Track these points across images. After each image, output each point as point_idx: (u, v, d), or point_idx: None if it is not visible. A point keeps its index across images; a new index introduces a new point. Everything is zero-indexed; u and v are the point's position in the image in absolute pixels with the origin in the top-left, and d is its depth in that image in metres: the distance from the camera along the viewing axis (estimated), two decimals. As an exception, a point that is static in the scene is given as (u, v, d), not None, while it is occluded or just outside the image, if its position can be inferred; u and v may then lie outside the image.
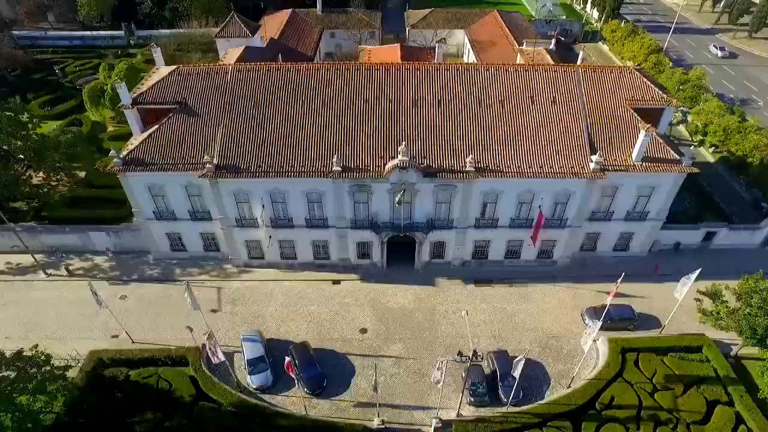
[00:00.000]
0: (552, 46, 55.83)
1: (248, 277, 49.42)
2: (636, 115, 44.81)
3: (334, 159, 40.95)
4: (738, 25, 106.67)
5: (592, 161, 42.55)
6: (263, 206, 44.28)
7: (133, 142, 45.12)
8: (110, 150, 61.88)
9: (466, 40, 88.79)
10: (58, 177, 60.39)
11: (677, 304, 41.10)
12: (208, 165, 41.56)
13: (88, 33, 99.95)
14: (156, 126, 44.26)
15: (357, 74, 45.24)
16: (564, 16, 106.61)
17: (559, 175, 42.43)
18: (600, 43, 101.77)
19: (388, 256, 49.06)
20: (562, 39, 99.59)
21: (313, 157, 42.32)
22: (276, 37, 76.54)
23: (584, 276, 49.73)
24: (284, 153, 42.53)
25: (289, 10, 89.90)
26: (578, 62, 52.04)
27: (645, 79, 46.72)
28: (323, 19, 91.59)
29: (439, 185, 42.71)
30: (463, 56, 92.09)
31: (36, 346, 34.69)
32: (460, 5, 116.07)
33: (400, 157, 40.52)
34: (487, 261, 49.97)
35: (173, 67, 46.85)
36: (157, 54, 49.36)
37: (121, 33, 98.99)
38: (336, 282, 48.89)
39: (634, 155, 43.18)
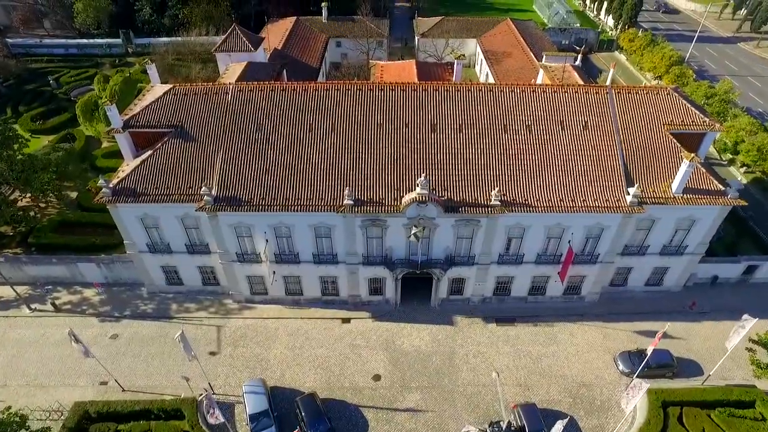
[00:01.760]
0: (578, 62, 51.66)
1: (250, 315, 45.46)
2: (675, 141, 40.78)
3: (346, 192, 36.94)
4: (762, 33, 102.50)
5: (629, 194, 38.51)
6: (267, 241, 40.34)
7: (124, 169, 41.22)
8: (104, 168, 58.99)
9: (479, 49, 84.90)
10: (47, 199, 56.74)
11: (726, 355, 36.97)
12: (205, 197, 37.60)
13: (84, 41, 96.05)
14: (149, 152, 40.38)
15: (369, 95, 41.31)
16: (578, 24, 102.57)
17: (593, 209, 38.39)
18: (616, 52, 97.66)
19: (402, 291, 45.04)
20: (577, 48, 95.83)
21: (321, 188, 38.38)
22: (279, 48, 72.83)
23: (614, 313, 45.76)
24: (290, 183, 38.58)
25: (293, 18, 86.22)
26: (608, 81, 48.00)
27: (683, 101, 42.65)
28: (329, 28, 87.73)
29: (460, 220, 38.68)
30: (474, 66, 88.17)
31: (9, 408, 30.70)
32: (470, 12, 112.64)
33: (418, 190, 36.55)
34: (510, 297, 45.94)
35: (168, 86, 42.89)
36: (152, 71, 45.51)
37: (118, 41, 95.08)
38: (345, 320, 44.92)
39: (674, 187, 39.16)
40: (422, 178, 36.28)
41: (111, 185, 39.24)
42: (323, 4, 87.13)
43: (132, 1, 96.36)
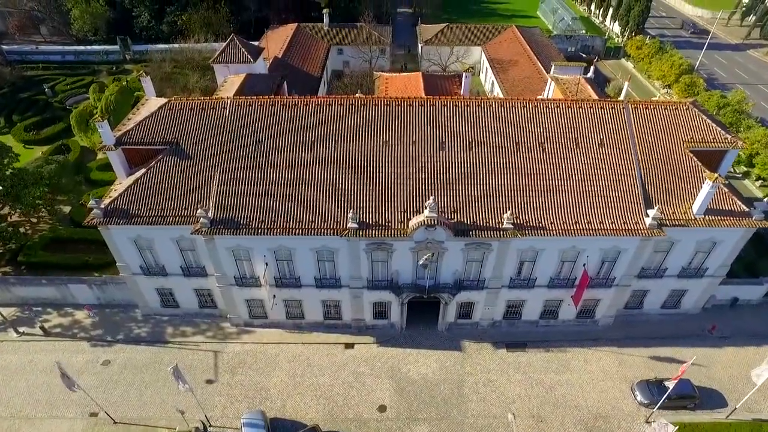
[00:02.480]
0: (591, 74, 49.64)
1: (249, 339, 43.38)
2: (696, 159, 38.75)
3: (350, 214, 34.88)
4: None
5: (648, 216, 36.46)
6: (266, 264, 38.28)
7: (117, 188, 39.21)
8: (99, 181, 57.04)
9: (484, 57, 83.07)
10: (39, 214, 54.75)
11: (755, 388, 34.86)
12: (201, 219, 35.55)
13: (81, 48, 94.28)
14: (143, 170, 38.36)
15: (375, 110, 39.30)
16: (584, 31, 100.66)
17: (610, 232, 36.31)
18: (623, 59, 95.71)
19: (407, 314, 42.98)
20: (584, 56, 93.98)
21: (324, 210, 36.32)
22: (280, 56, 71.06)
23: (630, 338, 43.70)
24: (290, 205, 36.56)
25: (294, 25, 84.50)
26: (622, 95, 46.01)
27: (703, 116, 40.63)
28: (330, 35, 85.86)
29: (470, 243, 36.61)
30: (479, 74, 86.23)
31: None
32: (473, 18, 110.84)
33: (426, 213, 34.51)
34: (520, 321, 43.85)
35: (163, 100, 40.88)
36: (147, 83, 43.54)
37: (116, 48, 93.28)
38: (349, 346, 42.84)
39: (695, 208, 37.12)
40: (431, 200, 34.25)
41: (102, 206, 37.13)
42: (324, 10, 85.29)
43: (130, 7, 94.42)
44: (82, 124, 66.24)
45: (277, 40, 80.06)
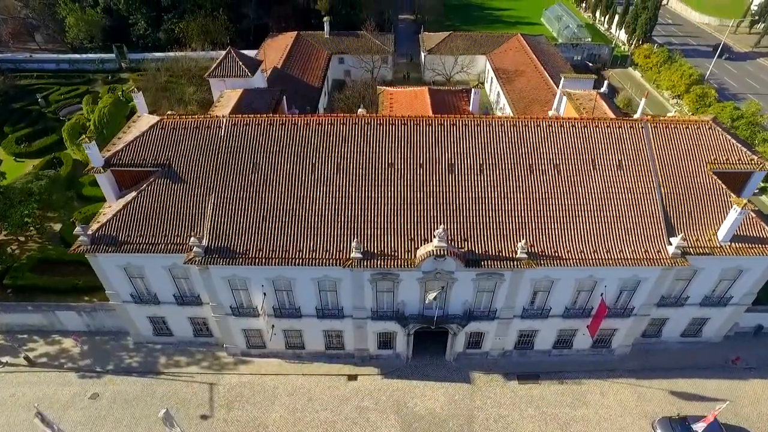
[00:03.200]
0: (604, 88, 47.36)
1: (247, 370, 41.05)
2: (720, 182, 36.50)
3: (354, 243, 32.58)
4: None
5: (671, 244, 34.15)
6: (264, 294, 35.97)
7: (105, 212, 36.97)
8: (91, 197, 54.75)
9: (488, 67, 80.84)
10: (28, 233, 52.44)
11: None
12: (195, 248, 33.24)
13: (76, 56, 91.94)
14: (133, 193, 36.06)
15: (379, 130, 37.08)
16: (590, 39, 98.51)
17: (630, 262, 34.00)
18: (630, 68, 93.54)
19: (414, 343, 40.64)
20: (590, 65, 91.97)
21: (326, 238, 34.02)
22: (279, 66, 68.96)
23: (648, 368, 41.44)
24: (290, 232, 34.22)
25: (294, 33, 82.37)
26: (638, 112, 43.79)
27: (726, 135, 38.40)
28: (331, 43, 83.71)
29: (482, 273, 34.30)
30: (484, 84, 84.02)
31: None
32: (477, 25, 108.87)
33: (435, 242, 32.23)
34: (532, 350, 41.51)
35: (155, 117, 38.62)
36: (139, 99, 41.35)
37: (112, 56, 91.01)
38: (352, 377, 40.52)
39: (721, 235, 34.86)
40: (440, 229, 31.97)
41: (89, 232, 34.83)
42: (325, 18, 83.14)
43: (126, 14, 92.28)
44: (74, 137, 63.96)
45: (276, 49, 78.00)
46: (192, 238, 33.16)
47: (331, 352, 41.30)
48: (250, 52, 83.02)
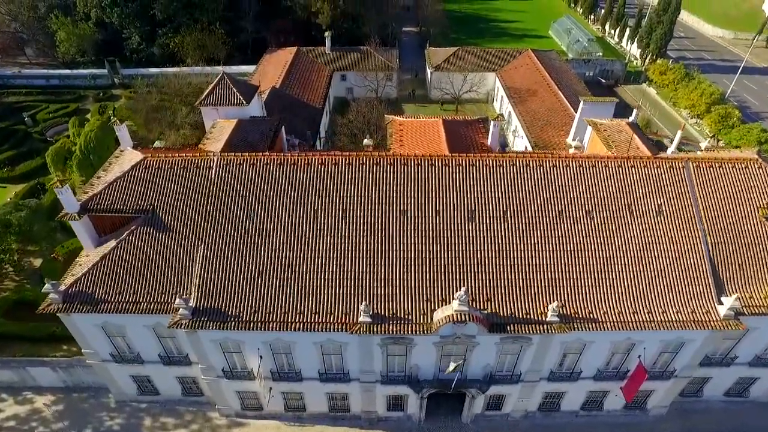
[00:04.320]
0: (634, 117, 43.27)
1: (240, 434, 36.73)
2: (773, 230, 32.41)
3: (362, 306, 28.41)
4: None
5: (722, 304, 30.01)
6: (261, 357, 31.81)
7: (82, 262, 32.84)
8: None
9: (498, 84, 76.93)
10: (4, 271, 48.33)
11: None
12: (181, 310, 29.07)
13: (66, 71, 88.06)
14: (112, 243, 31.94)
15: (390, 171, 32.96)
16: (601, 54, 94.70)
17: (676, 325, 29.86)
18: (644, 85, 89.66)
19: (427, 401, 36.42)
20: (603, 81, 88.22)
21: (330, 297, 29.92)
22: (278, 86, 65.02)
23: (687, 431, 37.04)
24: (289, 291, 30.02)
25: (294, 49, 78.50)
26: (672, 147, 39.73)
27: (776, 174, 34.35)
28: (333, 59, 79.80)
29: (506, 338, 30.13)
30: (493, 102, 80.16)
31: None
32: (483, 38, 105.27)
33: (456, 305, 28.11)
34: (558, 412, 37.29)
35: (139, 155, 34.54)
36: (122, 132, 37.28)
37: (104, 71, 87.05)
38: (358, 443, 36.24)
39: (778, 292, 30.67)
40: (461, 291, 27.81)
41: (61, 288, 30.68)
42: (326, 33, 79.29)
43: (120, 28, 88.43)
44: (59, 162, 59.86)
45: (275, 65, 74.29)
46: (177, 299, 28.97)
47: (335, 414, 37.03)
48: (248, 68, 79.67)
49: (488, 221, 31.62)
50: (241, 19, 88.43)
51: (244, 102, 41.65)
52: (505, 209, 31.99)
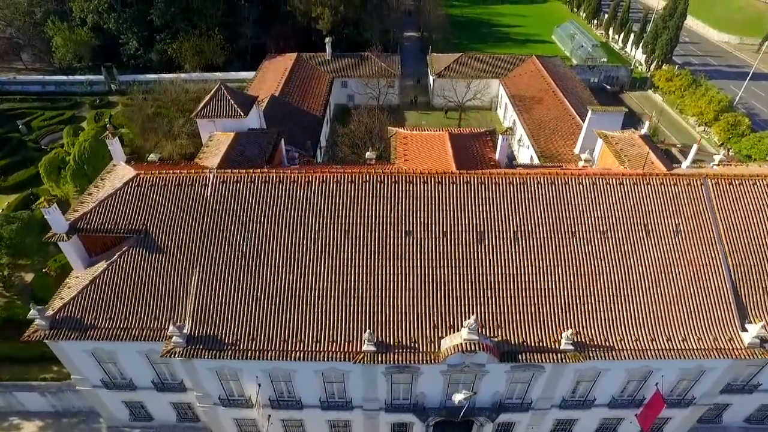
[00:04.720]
0: (646, 129, 41.71)
1: (237, 463, 35.03)
2: (797, 252, 30.84)
3: (366, 335, 26.83)
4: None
5: (746, 331, 28.43)
6: (259, 385, 30.21)
7: (71, 285, 31.25)
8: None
9: (502, 92, 75.45)
10: (-6, 287, 46.70)
11: None
12: (175, 338, 27.47)
13: (63, 78, 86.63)
14: (103, 265, 30.36)
15: (395, 189, 31.42)
16: (605, 60, 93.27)
17: (698, 353, 28.26)
18: (650, 91, 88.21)
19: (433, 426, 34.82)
20: (608, 87, 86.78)
21: (332, 324, 28.34)
22: (277, 93, 63.49)
23: (705, 459, 35.42)
24: (289, 317, 28.51)
25: (294, 55, 76.98)
26: (687, 161, 38.08)
27: (799, 193, 32.79)
28: (333, 66, 78.30)
29: (517, 366, 28.55)
30: (497, 110, 78.67)
31: None
32: (486, 43, 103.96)
33: (465, 334, 26.55)
34: (570, 438, 35.73)
35: (132, 171, 32.98)
36: (115, 146, 35.61)
37: (101, 77, 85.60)
38: (360, 472, 34.55)
39: (803, 317, 29.07)
40: (471, 320, 26.20)
41: (49, 313, 29.10)
42: (327, 39, 77.81)
43: (117, 34, 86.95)
44: (52, 172, 58.32)
45: (275, 72, 72.80)
46: (171, 327, 27.37)
47: (336, 441, 35.45)
48: (248, 74, 78.25)
49: (498, 242, 30.10)
50: (240, 25, 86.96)
51: (242, 114, 40.10)
52: (515, 229, 30.48)
